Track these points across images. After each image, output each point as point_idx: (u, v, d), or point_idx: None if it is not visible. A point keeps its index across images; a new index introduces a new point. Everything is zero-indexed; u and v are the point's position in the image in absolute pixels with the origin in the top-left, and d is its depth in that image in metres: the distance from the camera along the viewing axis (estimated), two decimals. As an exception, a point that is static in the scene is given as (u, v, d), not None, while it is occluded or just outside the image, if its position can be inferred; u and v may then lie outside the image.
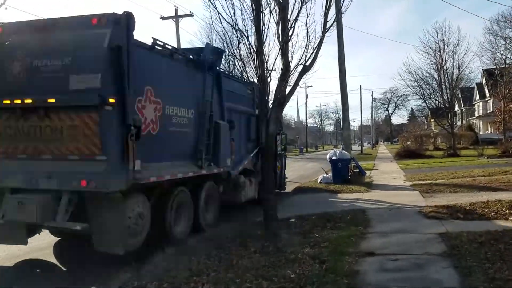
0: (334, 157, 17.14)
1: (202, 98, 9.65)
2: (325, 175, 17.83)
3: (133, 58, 7.05)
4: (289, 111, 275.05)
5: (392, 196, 13.15)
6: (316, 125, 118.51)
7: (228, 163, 10.94)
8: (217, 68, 10.66)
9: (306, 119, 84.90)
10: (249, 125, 13.30)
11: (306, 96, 77.63)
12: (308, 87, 77.25)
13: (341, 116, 21.32)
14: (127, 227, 7.17)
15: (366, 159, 37.87)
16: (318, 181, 17.61)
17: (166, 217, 8.39)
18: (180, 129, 9.04)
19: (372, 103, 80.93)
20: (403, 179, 18.44)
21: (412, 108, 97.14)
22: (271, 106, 9.55)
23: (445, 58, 35.30)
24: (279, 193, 14.50)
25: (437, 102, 37.71)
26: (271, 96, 10.62)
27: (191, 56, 9.71)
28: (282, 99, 8.46)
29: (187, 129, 9.28)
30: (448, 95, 35.52)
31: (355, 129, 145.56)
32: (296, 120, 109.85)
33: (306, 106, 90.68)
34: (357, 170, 17.05)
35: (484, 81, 48.33)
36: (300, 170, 28.81)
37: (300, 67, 8.63)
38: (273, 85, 9.13)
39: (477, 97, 58.26)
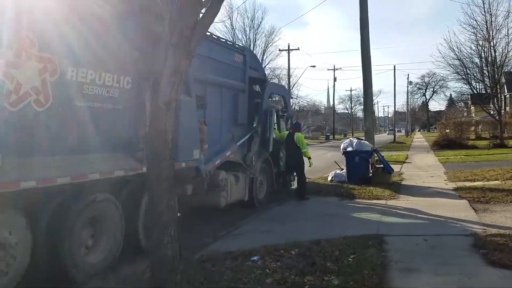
0: (349, 148, 12.98)
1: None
2: (338, 171, 13.71)
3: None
4: (319, 97, 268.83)
5: (429, 208, 8.94)
6: (347, 111, 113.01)
7: (194, 155, 7.47)
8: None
9: (333, 104, 79.94)
10: (236, 103, 9.64)
11: (335, 79, 72.30)
12: (336, 69, 72.54)
13: (363, 97, 16.82)
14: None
15: (398, 149, 33.30)
16: (329, 178, 13.54)
17: (64, 244, 5.08)
18: (101, 105, 5.76)
19: (407, 87, 74.85)
20: (443, 178, 14.08)
21: (451, 94, 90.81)
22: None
23: (493, 32, 30.00)
24: (276, 194, 11.33)
25: (482, 84, 32.45)
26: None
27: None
28: (187, 30, 4.01)
29: (117, 106, 6.01)
30: (497, 75, 30.29)
31: (389, 115, 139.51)
32: (326, 105, 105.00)
33: (334, 89, 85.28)
34: (381, 166, 12.81)
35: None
36: (316, 160, 24.42)
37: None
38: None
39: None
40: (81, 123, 5.45)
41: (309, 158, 11.53)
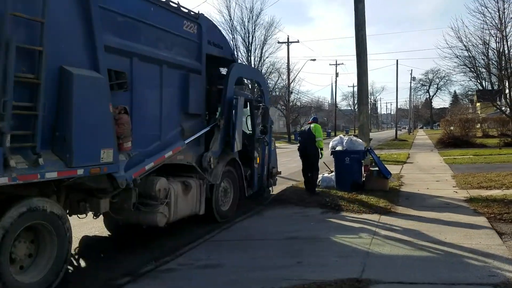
0: (339, 147, 10.71)
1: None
2: (326, 174, 11.46)
3: None
4: (322, 93, 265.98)
5: (436, 231, 6.65)
6: (350, 108, 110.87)
7: (102, 157, 5.27)
8: None
9: (335, 100, 77.47)
10: (186, 88, 7.33)
11: (336, 75, 70.04)
12: (338, 64, 70.14)
13: (356, 88, 14.43)
14: None
15: (399, 147, 31.07)
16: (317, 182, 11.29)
17: None
18: None
19: (410, 83, 72.35)
20: (451, 183, 11.82)
21: (455, 91, 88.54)
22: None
23: (505, 20, 27.57)
24: (251, 201, 9.59)
25: (491, 77, 30.11)
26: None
27: None
28: None
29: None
30: (509, 68, 27.91)
31: (391, 113, 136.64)
32: (330, 102, 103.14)
33: (335, 85, 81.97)
34: (376, 168, 10.54)
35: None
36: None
37: None
38: None
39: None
40: None
41: (321, 149, 10.55)
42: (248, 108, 9.89)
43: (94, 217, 6.36)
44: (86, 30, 5.21)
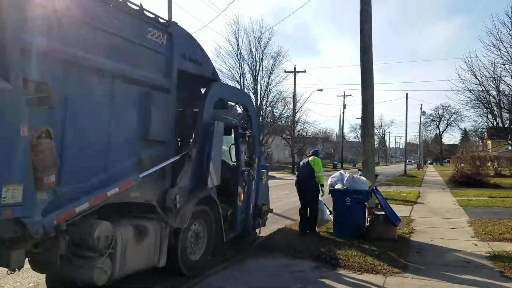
0: (338, 185, 9.17)
1: None
2: (327, 214, 9.88)
3: None
4: (330, 124, 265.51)
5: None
6: (358, 140, 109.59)
7: (6, 196, 3.98)
8: None
9: (342, 131, 76.08)
10: (148, 109, 5.80)
11: (344, 106, 68.86)
12: (346, 96, 69.04)
13: (361, 119, 12.93)
14: None
15: (409, 183, 29.36)
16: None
17: None
18: None
19: (420, 117, 70.75)
20: (469, 232, 10.19)
21: (465, 128, 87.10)
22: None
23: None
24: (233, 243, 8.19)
25: (508, 114, 28.60)
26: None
27: None
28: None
29: None
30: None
31: (400, 147, 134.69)
32: (337, 133, 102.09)
33: (343, 116, 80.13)
34: (382, 213, 8.96)
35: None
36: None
37: None
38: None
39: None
40: None
41: (322, 185, 9.54)
42: (233, 136, 8.52)
43: (9, 272, 4.83)
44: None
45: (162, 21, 6.18)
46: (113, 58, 5.29)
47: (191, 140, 7.04)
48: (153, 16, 5.98)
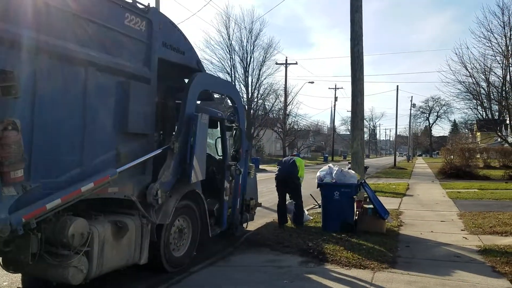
0: (327, 179, 8.99)
1: None
2: (305, 214, 9.69)
3: None
4: (322, 117, 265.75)
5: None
6: (349, 132, 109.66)
7: None
8: None
9: (333, 124, 76.10)
10: (126, 100, 5.52)
11: (335, 99, 68.65)
12: (338, 88, 68.84)
13: (351, 112, 12.65)
14: None
15: (398, 176, 29.37)
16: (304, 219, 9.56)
17: None
18: None
19: (410, 110, 70.89)
20: (458, 225, 10.08)
21: (455, 120, 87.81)
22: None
23: (511, 47, 26.19)
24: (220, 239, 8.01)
25: (498, 106, 28.65)
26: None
27: None
28: None
29: None
30: (515, 97, 26.48)
31: (391, 139, 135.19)
32: (328, 126, 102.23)
33: (334, 109, 79.61)
34: (371, 206, 8.80)
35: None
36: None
37: None
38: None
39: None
40: None
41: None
42: (219, 129, 8.27)
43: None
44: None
45: (140, 6, 5.90)
46: (87, 45, 5.01)
47: (174, 133, 6.79)
48: (130, 1, 5.69)
